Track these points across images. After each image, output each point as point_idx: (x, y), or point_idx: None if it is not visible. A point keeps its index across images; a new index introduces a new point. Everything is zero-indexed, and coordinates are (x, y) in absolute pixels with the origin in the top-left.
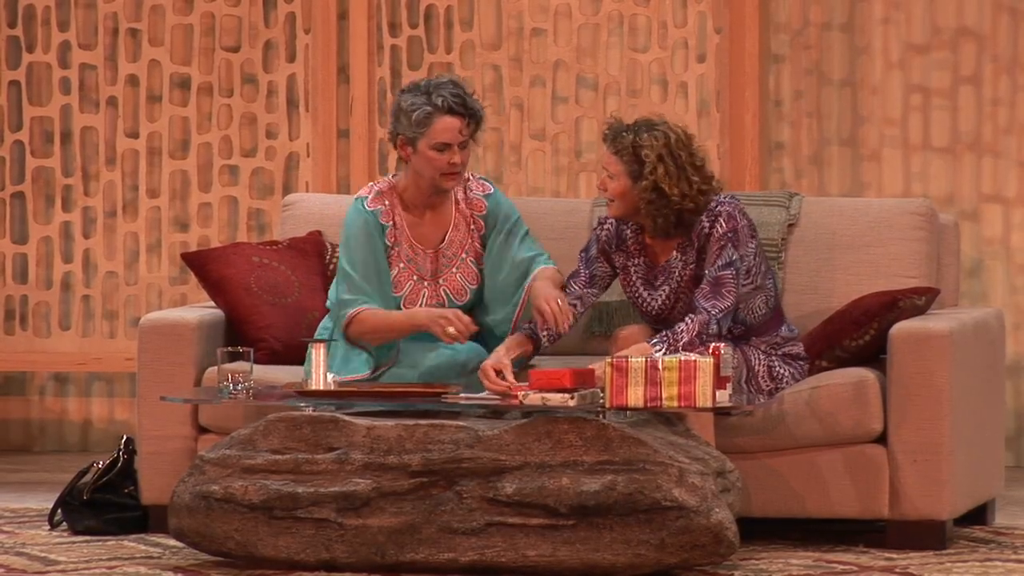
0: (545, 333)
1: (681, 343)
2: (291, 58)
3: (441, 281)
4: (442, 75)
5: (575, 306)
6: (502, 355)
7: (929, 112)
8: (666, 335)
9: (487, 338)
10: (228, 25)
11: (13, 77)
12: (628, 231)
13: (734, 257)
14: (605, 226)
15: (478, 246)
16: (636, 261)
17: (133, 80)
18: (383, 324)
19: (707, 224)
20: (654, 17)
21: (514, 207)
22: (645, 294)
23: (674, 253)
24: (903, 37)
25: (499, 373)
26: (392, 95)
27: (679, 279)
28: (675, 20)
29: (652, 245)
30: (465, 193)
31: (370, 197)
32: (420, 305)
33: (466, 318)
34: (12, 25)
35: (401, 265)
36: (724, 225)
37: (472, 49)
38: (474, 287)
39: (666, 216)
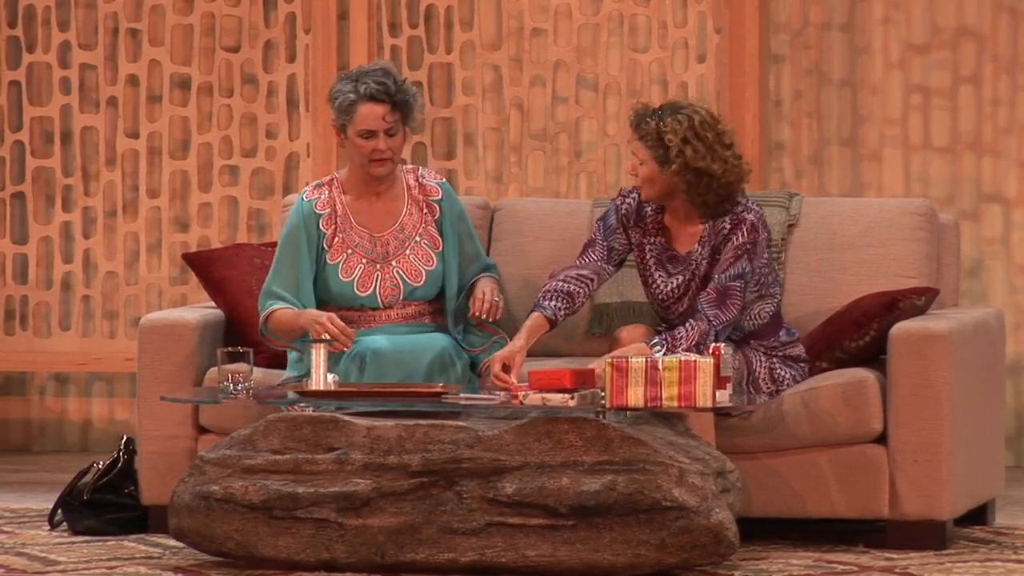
0: (564, 312)
1: (679, 348)
2: (291, 58)
3: (394, 263)
4: (377, 61)
5: (592, 281)
6: (517, 347)
7: (929, 112)
8: (665, 338)
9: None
10: (228, 25)
11: (13, 77)
12: (648, 209)
13: (746, 270)
14: (627, 199)
15: (433, 230)
16: (652, 240)
17: (133, 80)
18: (284, 323)
19: (728, 225)
20: (654, 17)
21: (464, 208)
22: (657, 276)
23: (696, 246)
24: (903, 37)
25: (506, 368)
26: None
27: (695, 272)
28: (675, 20)
29: (671, 228)
30: (417, 180)
31: (309, 189)
32: (374, 288)
33: (340, 323)
34: (12, 25)
35: (348, 251)
36: (745, 235)
37: (472, 49)
38: (430, 268)
39: (714, 191)
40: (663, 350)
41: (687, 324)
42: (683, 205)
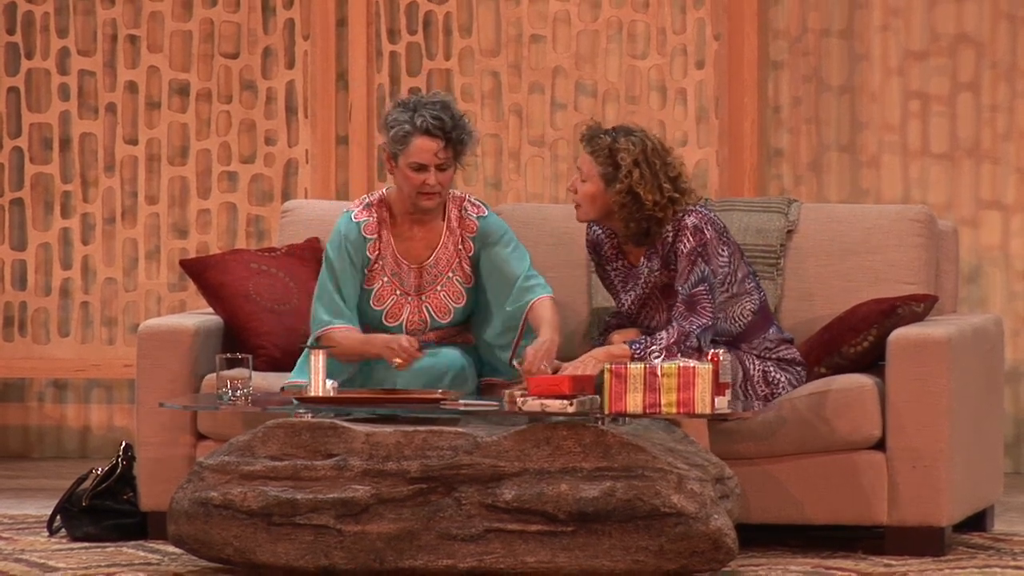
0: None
1: (659, 347)
2: (290, 64)
3: (424, 298)
4: (437, 92)
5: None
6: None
7: (928, 118)
8: (644, 338)
9: (483, 352)
10: (227, 31)
11: (12, 83)
12: (603, 236)
13: (706, 272)
14: (588, 237)
15: (466, 266)
16: (615, 265)
17: (132, 86)
18: (347, 348)
19: (671, 234)
20: (653, 24)
21: (506, 226)
22: (622, 295)
23: (642, 259)
24: (902, 43)
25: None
26: (391, 101)
27: (645, 285)
28: (674, 27)
29: (625, 249)
30: (460, 213)
31: (358, 209)
32: (403, 319)
33: (407, 345)
34: (11, 32)
35: (385, 279)
36: (691, 240)
37: (471, 56)
38: (459, 306)
39: (638, 222)
40: (641, 349)
41: (668, 327)
42: (618, 226)
